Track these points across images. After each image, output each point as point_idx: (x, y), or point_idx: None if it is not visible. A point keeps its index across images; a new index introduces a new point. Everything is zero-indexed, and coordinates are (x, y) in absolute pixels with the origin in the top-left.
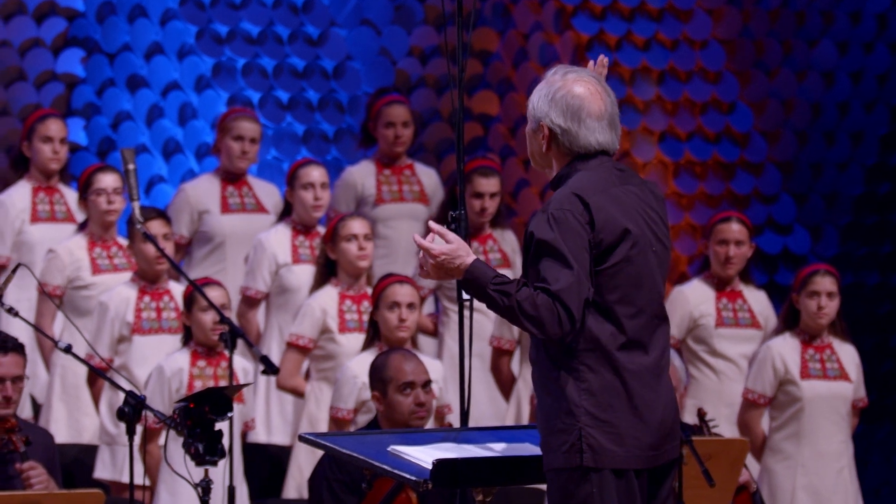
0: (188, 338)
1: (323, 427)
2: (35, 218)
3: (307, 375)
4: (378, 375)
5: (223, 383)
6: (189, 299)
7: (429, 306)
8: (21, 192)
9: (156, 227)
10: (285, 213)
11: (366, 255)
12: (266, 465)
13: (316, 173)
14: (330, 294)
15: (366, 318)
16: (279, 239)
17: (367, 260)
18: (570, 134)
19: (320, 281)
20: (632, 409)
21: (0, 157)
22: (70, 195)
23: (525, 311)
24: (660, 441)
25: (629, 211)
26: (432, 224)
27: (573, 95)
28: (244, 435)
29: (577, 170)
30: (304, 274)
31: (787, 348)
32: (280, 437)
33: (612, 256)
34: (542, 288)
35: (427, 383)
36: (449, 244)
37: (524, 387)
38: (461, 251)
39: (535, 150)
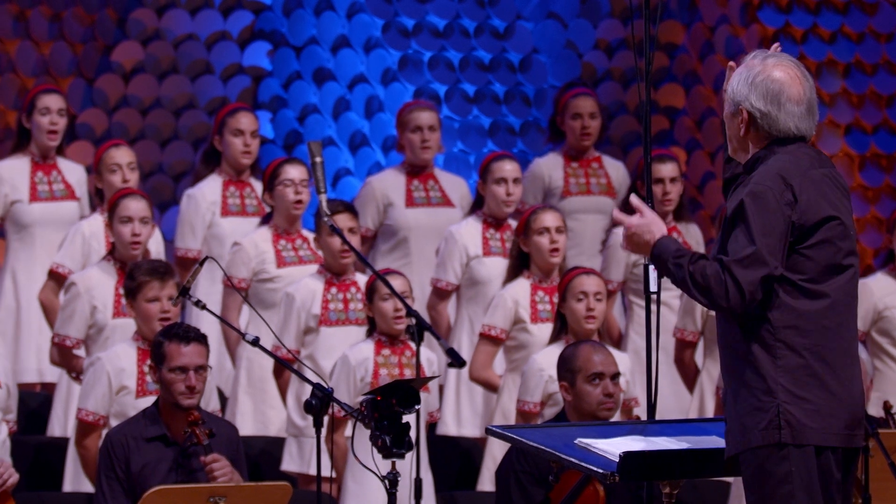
0: (372, 329)
1: (515, 418)
2: (225, 211)
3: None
4: (567, 366)
5: (408, 371)
6: (370, 289)
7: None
8: (212, 186)
9: (342, 220)
10: (476, 206)
11: (558, 248)
12: (456, 457)
13: (509, 168)
14: (522, 285)
15: None
16: (470, 231)
17: (558, 255)
18: (769, 118)
19: (513, 273)
20: (828, 387)
21: (187, 149)
22: (261, 189)
23: (696, 281)
24: (854, 423)
25: (828, 194)
26: (633, 198)
27: (773, 79)
28: (432, 427)
29: (774, 152)
30: (495, 266)
31: None
32: (470, 430)
33: (812, 237)
34: (718, 259)
35: (616, 375)
36: (642, 218)
37: (707, 379)
38: (652, 226)
39: (733, 134)
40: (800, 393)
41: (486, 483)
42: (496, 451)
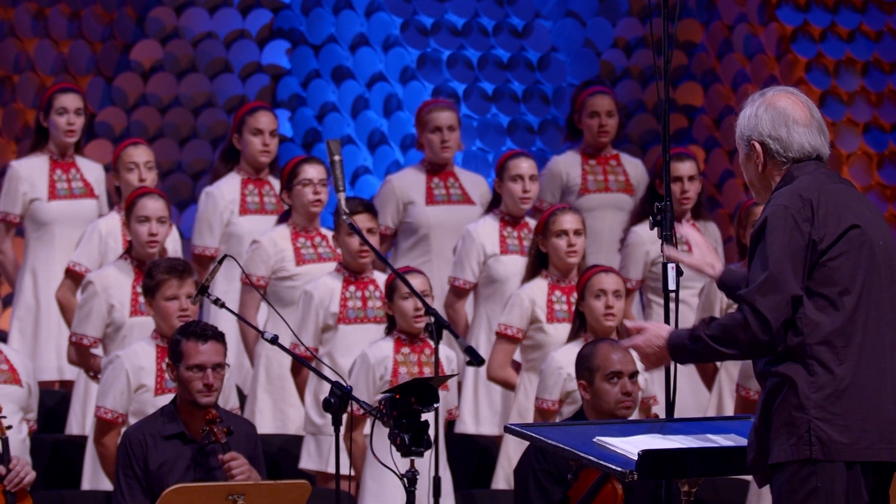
0: (391, 327)
1: (532, 417)
2: (244, 210)
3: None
4: (585, 364)
5: (427, 370)
6: (390, 287)
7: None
8: (230, 185)
9: (362, 220)
10: (494, 204)
11: (575, 251)
12: (474, 455)
13: (525, 165)
14: (539, 285)
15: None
16: (487, 230)
17: (576, 256)
18: (781, 141)
19: (531, 272)
20: (861, 402)
21: (205, 148)
22: (279, 187)
23: (720, 339)
24: (889, 436)
25: (849, 204)
26: (626, 322)
27: (776, 106)
28: (450, 424)
29: (794, 177)
30: (513, 264)
31: None
32: (488, 428)
33: (835, 248)
34: (738, 295)
35: (634, 374)
36: (643, 332)
37: (726, 377)
38: (657, 330)
39: (754, 176)
40: (831, 409)
41: (501, 481)
42: (511, 449)
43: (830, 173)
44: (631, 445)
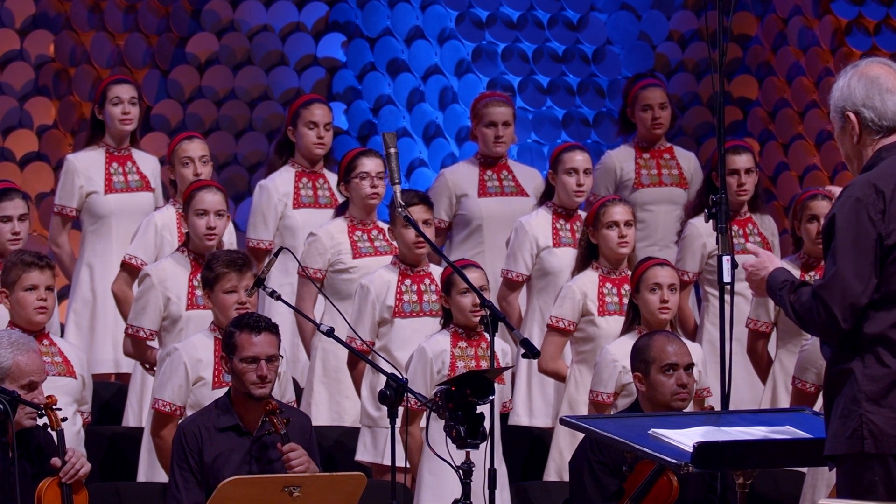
0: (448, 320)
1: (582, 409)
2: (298, 203)
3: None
4: (641, 356)
5: (484, 364)
6: (447, 282)
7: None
8: (284, 178)
9: (417, 212)
10: (546, 197)
11: (626, 242)
12: (527, 448)
13: (579, 158)
14: (590, 277)
15: (626, 301)
16: (540, 222)
17: (627, 247)
18: (874, 109)
19: (581, 264)
20: None
21: (261, 141)
22: (333, 180)
23: (796, 311)
24: None
25: None
26: (748, 245)
27: (868, 75)
28: (504, 417)
29: (881, 158)
30: (565, 257)
31: None
32: (542, 420)
33: None
34: (812, 285)
35: (689, 366)
36: (757, 259)
37: (780, 369)
38: (766, 262)
39: (850, 149)
40: (883, 402)
41: (552, 473)
42: (562, 441)
43: None
44: (686, 437)
